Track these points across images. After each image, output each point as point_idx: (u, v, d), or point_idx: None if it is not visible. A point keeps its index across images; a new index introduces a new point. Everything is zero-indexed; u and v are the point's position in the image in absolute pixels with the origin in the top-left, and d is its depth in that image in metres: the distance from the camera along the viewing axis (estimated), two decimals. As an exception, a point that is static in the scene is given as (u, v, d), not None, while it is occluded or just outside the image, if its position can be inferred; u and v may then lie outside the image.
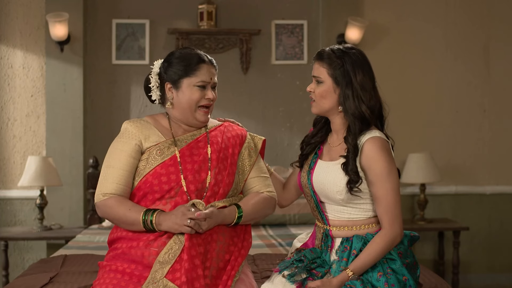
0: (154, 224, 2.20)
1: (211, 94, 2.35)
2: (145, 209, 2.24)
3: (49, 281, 2.73)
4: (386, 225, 2.20)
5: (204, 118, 2.38)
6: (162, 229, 2.20)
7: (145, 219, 2.21)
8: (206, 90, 2.36)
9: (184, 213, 2.16)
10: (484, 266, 5.04)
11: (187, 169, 2.29)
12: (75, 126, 4.64)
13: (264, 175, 2.45)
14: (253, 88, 4.88)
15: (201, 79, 2.34)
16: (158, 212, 2.22)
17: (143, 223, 2.21)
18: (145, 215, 2.21)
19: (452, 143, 5.01)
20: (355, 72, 2.25)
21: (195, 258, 2.15)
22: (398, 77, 4.88)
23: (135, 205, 2.26)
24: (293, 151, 4.87)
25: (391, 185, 2.20)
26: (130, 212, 2.23)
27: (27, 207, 4.73)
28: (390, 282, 2.15)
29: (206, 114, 2.38)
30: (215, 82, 2.38)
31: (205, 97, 2.35)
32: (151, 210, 2.22)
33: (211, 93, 2.36)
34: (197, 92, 2.35)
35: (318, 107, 2.32)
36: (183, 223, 2.15)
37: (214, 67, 2.39)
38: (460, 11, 4.99)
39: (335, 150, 2.33)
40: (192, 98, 2.34)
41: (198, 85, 2.34)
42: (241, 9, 4.86)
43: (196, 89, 2.35)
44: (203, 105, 2.35)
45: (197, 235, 2.19)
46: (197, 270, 2.13)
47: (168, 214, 2.20)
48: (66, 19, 4.48)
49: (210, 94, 2.35)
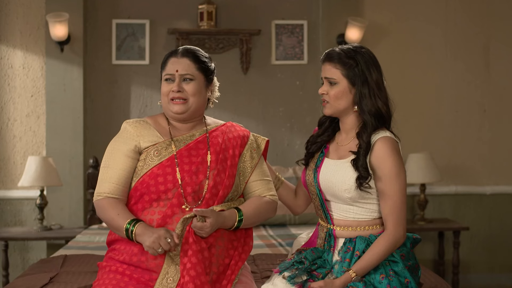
0: (134, 234, 2.18)
1: (175, 86, 2.33)
2: (131, 218, 2.21)
3: (49, 281, 2.73)
4: (391, 226, 2.21)
5: (176, 108, 2.34)
6: (138, 241, 2.18)
7: (127, 228, 2.19)
8: (174, 83, 2.34)
9: (160, 238, 2.10)
10: (484, 266, 5.04)
11: (184, 170, 2.27)
12: (75, 126, 4.64)
13: (267, 179, 2.43)
14: (253, 88, 4.88)
15: (166, 72, 2.36)
16: (140, 224, 2.19)
17: (125, 231, 2.19)
18: (129, 224, 2.19)
19: (452, 143, 5.01)
20: (370, 70, 2.25)
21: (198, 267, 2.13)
22: (398, 77, 4.88)
23: (125, 212, 2.24)
24: (293, 151, 4.86)
25: (399, 187, 2.21)
26: (118, 217, 2.22)
27: (27, 207, 4.73)
28: (392, 284, 2.15)
29: (177, 105, 2.34)
30: (182, 75, 2.33)
31: (171, 90, 2.34)
32: (135, 221, 2.20)
33: (176, 86, 2.33)
34: (165, 85, 2.36)
35: (332, 108, 2.31)
36: (152, 246, 2.10)
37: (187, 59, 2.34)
38: (460, 11, 4.98)
39: (344, 149, 2.32)
40: (163, 91, 2.37)
41: (165, 78, 2.36)
42: (241, 9, 4.86)
43: (164, 82, 2.37)
44: (172, 97, 2.34)
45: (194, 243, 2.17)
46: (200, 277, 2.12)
47: (148, 230, 2.16)
48: (66, 19, 4.48)
49: (174, 86, 2.33)
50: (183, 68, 2.33)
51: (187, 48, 2.39)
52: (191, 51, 2.37)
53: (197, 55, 2.37)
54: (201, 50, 2.42)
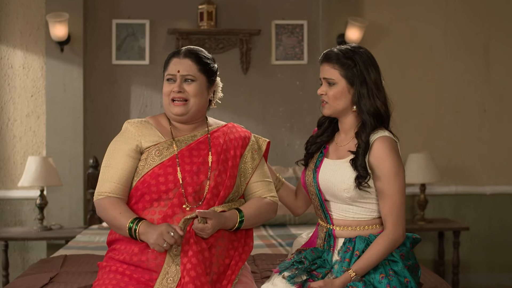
0: (137, 233, 2.17)
1: (176, 87, 2.32)
2: (134, 216, 2.21)
3: (49, 281, 2.73)
4: (390, 225, 2.21)
5: (176, 110, 2.34)
6: (142, 240, 2.18)
7: (130, 227, 2.19)
8: (175, 83, 2.34)
9: (162, 234, 2.11)
10: (484, 266, 5.04)
11: (185, 170, 2.27)
12: (75, 126, 4.64)
13: (267, 180, 2.43)
14: (253, 88, 4.87)
15: (168, 72, 2.35)
16: (143, 222, 2.19)
17: (128, 230, 2.19)
18: (132, 222, 2.19)
19: (452, 143, 5.00)
20: (368, 70, 2.26)
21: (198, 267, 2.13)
22: (398, 77, 4.88)
23: (127, 210, 2.24)
24: (293, 151, 4.87)
25: (398, 186, 2.21)
26: (120, 216, 2.22)
27: (27, 207, 4.73)
28: (392, 284, 2.15)
29: (177, 107, 2.33)
30: (183, 75, 2.33)
31: (172, 90, 2.34)
32: (138, 219, 2.20)
33: (177, 86, 2.32)
34: (167, 85, 2.36)
35: (331, 109, 2.31)
36: (157, 242, 2.11)
37: (190, 60, 2.34)
38: (460, 11, 4.98)
39: (343, 149, 2.32)
40: (164, 91, 2.36)
41: (167, 78, 2.36)
42: (241, 9, 4.86)
43: (166, 82, 2.36)
44: (172, 98, 2.34)
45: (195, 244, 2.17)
46: (201, 278, 2.12)
47: (151, 228, 2.16)
48: (66, 19, 4.48)
49: (175, 86, 2.32)
50: (185, 69, 2.33)
51: (189, 49, 2.38)
52: (193, 52, 2.36)
53: (200, 56, 2.36)
54: (204, 50, 2.41)
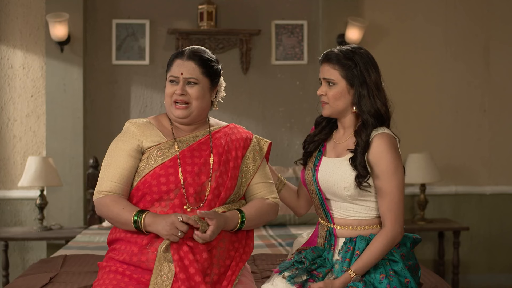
0: (143, 225, 2.17)
1: (179, 90, 2.30)
2: (138, 209, 2.21)
3: (49, 281, 2.73)
4: (388, 223, 2.20)
5: (178, 113, 2.32)
6: (150, 231, 2.18)
7: (136, 220, 2.18)
8: (178, 85, 2.32)
9: (174, 223, 2.12)
10: (484, 266, 5.04)
11: (187, 171, 2.27)
12: (75, 126, 4.64)
13: (269, 181, 2.42)
14: (253, 88, 4.87)
15: (171, 73, 2.33)
16: (148, 213, 2.19)
17: (134, 223, 2.19)
18: (136, 215, 2.19)
19: (452, 143, 5.00)
20: (368, 71, 2.25)
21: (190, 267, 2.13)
22: (398, 77, 4.88)
23: (130, 205, 2.23)
24: (293, 151, 4.87)
25: (397, 183, 2.20)
26: (123, 211, 2.21)
27: (27, 207, 4.73)
28: (392, 284, 2.15)
29: (179, 110, 2.32)
30: (186, 78, 2.30)
31: (175, 92, 2.32)
32: (143, 211, 2.20)
33: (179, 89, 2.30)
34: (169, 86, 2.33)
35: (331, 109, 2.31)
36: (172, 233, 2.11)
37: (193, 62, 2.31)
38: (460, 11, 4.98)
39: (341, 146, 2.32)
40: (166, 92, 2.34)
41: (170, 80, 2.33)
42: (241, 9, 4.86)
43: (169, 83, 2.34)
44: (174, 100, 2.32)
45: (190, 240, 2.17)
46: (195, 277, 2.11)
47: (159, 217, 2.16)
48: (66, 19, 4.48)
49: (178, 89, 2.30)
50: (188, 72, 2.30)
51: (193, 51, 2.34)
52: (197, 54, 2.33)
53: (204, 59, 2.33)
54: (208, 51, 2.38)
